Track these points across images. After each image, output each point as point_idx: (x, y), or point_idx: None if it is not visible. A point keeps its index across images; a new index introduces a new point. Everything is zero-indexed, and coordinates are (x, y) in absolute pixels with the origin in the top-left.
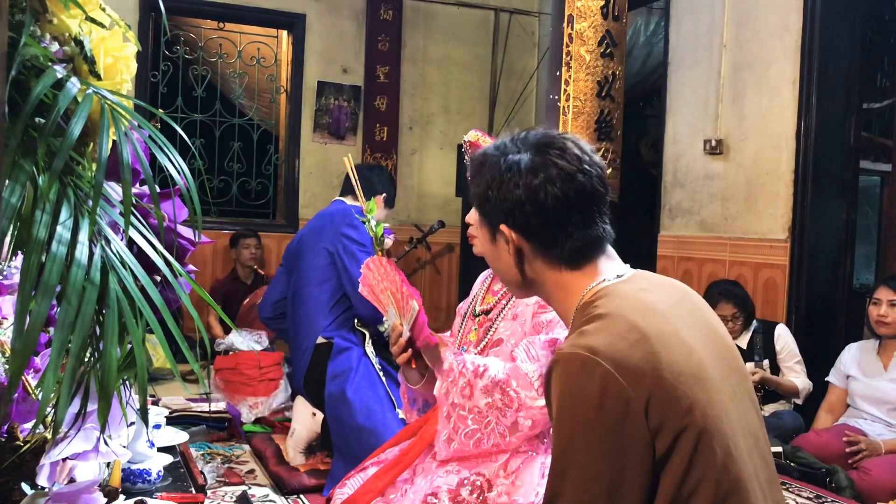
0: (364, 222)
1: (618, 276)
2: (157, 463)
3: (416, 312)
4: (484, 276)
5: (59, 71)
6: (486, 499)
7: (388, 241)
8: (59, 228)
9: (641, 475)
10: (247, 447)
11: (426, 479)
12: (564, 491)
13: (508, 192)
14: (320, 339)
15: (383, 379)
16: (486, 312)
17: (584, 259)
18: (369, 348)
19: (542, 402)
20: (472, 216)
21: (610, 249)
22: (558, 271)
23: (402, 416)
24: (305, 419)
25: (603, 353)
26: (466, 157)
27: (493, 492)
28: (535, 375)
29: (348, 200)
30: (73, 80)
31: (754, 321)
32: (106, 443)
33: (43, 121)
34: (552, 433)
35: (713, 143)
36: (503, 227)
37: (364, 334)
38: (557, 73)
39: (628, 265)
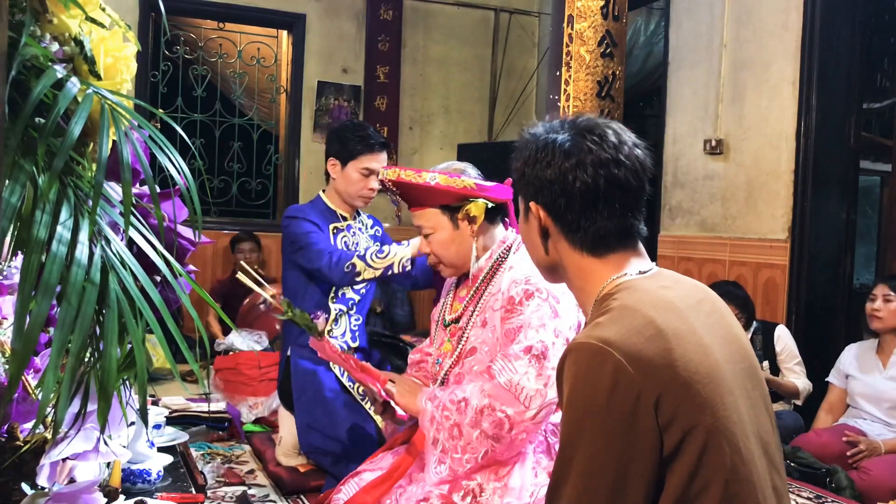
0: (286, 314)
1: (640, 272)
2: (157, 463)
3: (380, 396)
4: (450, 282)
5: (59, 71)
6: (479, 503)
7: (321, 323)
8: (59, 228)
9: (647, 469)
10: (247, 447)
11: (418, 486)
12: (569, 478)
13: (541, 170)
14: (289, 352)
15: (351, 389)
16: (456, 321)
17: (605, 248)
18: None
19: (532, 412)
20: (425, 221)
21: (640, 247)
22: (579, 255)
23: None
24: (291, 426)
25: (616, 345)
26: (392, 196)
27: (485, 495)
28: (519, 388)
29: (322, 194)
30: (73, 80)
31: (754, 322)
32: (106, 443)
33: (43, 121)
34: (561, 421)
35: (713, 143)
36: (532, 205)
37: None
38: (557, 73)
39: (654, 263)
